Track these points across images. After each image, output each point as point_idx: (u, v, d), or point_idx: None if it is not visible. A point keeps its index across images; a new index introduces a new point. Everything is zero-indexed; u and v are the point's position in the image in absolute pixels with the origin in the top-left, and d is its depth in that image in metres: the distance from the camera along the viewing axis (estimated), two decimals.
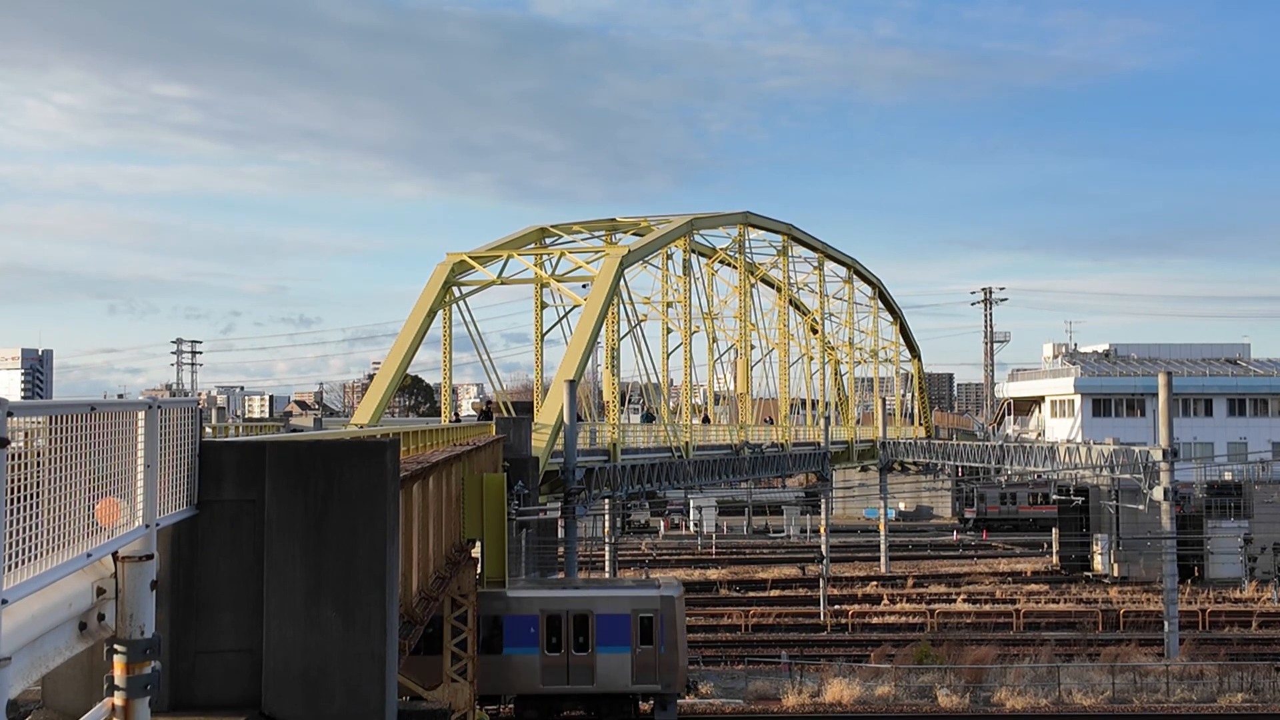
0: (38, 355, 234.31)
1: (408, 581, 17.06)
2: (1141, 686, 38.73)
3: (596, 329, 45.36)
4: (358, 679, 10.87)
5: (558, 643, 31.96)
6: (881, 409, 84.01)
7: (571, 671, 31.95)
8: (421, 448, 21.88)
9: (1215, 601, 56.25)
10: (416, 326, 47.81)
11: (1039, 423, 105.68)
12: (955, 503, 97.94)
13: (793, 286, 74.77)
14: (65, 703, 10.18)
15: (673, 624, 32.35)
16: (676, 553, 77.50)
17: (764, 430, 67.65)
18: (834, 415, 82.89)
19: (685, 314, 58.35)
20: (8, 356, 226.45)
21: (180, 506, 10.00)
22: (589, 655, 31.98)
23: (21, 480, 6.12)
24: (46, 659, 6.77)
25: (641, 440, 53.67)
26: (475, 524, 25.92)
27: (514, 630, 31.89)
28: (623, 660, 32.02)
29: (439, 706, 21.25)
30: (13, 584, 5.91)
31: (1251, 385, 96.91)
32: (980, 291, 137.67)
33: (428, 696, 24.56)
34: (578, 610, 32.20)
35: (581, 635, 32.03)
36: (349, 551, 10.95)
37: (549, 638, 31.93)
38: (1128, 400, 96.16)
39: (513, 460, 36.32)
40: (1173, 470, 45.45)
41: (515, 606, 31.98)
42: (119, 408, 7.95)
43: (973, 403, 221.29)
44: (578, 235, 56.33)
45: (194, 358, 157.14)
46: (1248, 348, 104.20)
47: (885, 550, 69.83)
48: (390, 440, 12.11)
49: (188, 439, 10.08)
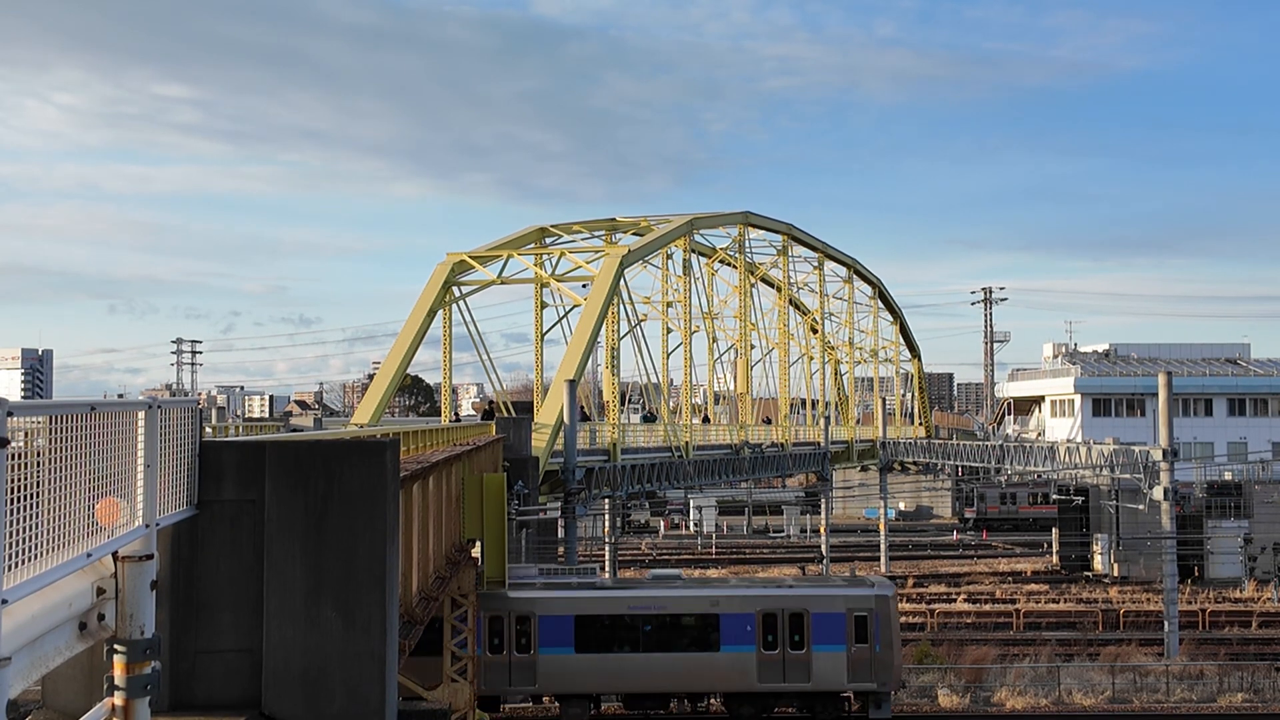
0: (38, 355, 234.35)
1: (408, 581, 17.06)
2: (1141, 686, 38.72)
3: (596, 329, 45.36)
4: (358, 679, 10.87)
5: (774, 640, 32.18)
6: (881, 409, 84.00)
7: (787, 669, 32.16)
8: (421, 448, 21.88)
9: (1215, 601, 56.22)
10: (416, 326, 47.82)
11: (1039, 423, 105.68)
12: (955, 503, 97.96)
13: (793, 286, 74.78)
14: (65, 703, 10.18)
15: (887, 622, 32.60)
16: (676, 553, 77.48)
17: (764, 430, 67.65)
18: (834, 415, 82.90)
19: (685, 314, 58.36)
20: (8, 356, 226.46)
21: (180, 506, 10.00)
22: (805, 653, 32.21)
23: (21, 480, 6.11)
24: (46, 659, 6.77)
25: (641, 440, 53.68)
26: (475, 524, 25.92)
27: (730, 628, 32.18)
28: (838, 659, 32.23)
29: (439, 706, 21.25)
30: (13, 584, 5.90)
31: (1251, 385, 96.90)
32: (980, 291, 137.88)
33: (427, 697, 24.56)
34: (793, 609, 32.39)
35: (797, 633, 32.25)
36: (349, 551, 10.95)
37: (765, 635, 32.17)
38: (1128, 400, 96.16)
39: (513, 460, 36.33)
40: (1173, 470, 45.44)
41: (731, 605, 32.33)
42: (119, 408, 7.95)
43: (973, 403, 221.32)
44: (578, 235, 56.34)
45: (194, 358, 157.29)
46: (1248, 348, 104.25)
47: (885, 550, 69.82)
48: (390, 440, 12.11)
49: (188, 439, 10.08)
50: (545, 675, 31.77)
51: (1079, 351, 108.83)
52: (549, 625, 31.89)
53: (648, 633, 32.31)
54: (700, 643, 32.02)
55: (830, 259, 79.30)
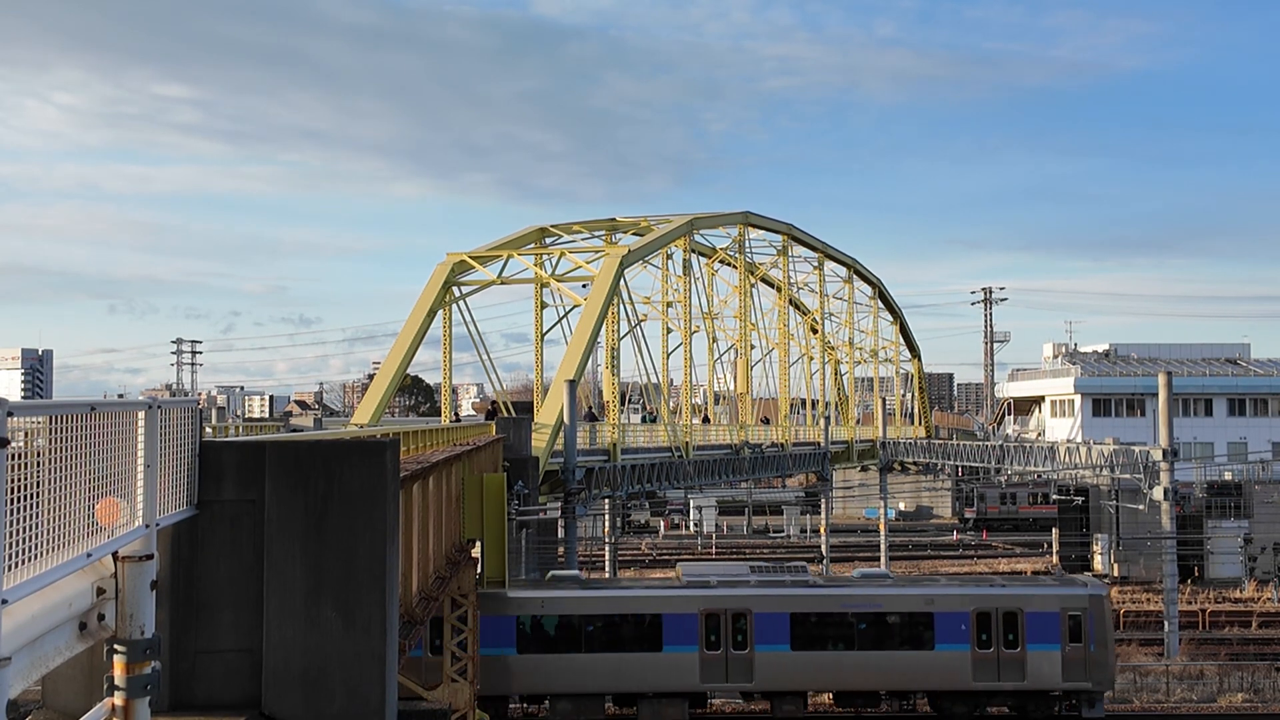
0: (38, 355, 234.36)
1: (408, 581, 17.06)
2: (1141, 686, 38.71)
3: (596, 329, 45.35)
4: (358, 679, 10.87)
5: (988, 639, 32.51)
6: (881, 409, 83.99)
7: (1002, 668, 32.44)
8: (421, 448, 21.87)
9: (1215, 601, 56.21)
10: (416, 326, 47.81)
11: (1039, 423, 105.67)
12: (955, 503, 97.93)
13: (793, 286, 74.76)
14: (65, 703, 10.18)
15: (1102, 621, 32.95)
16: (676, 553, 77.44)
17: (764, 430, 67.64)
18: (834, 415, 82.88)
19: (685, 314, 58.35)
20: (8, 356, 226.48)
21: (180, 506, 10.00)
22: (1019, 652, 32.48)
23: (21, 480, 6.11)
24: (46, 659, 6.77)
25: (642, 440, 53.67)
26: (475, 524, 25.92)
27: (945, 627, 32.55)
28: (1053, 658, 32.52)
29: (439, 706, 21.24)
30: (13, 584, 5.90)
31: (1251, 385, 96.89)
32: (980, 291, 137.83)
33: (427, 697, 24.54)
34: (1008, 608, 32.72)
35: (1011, 632, 32.55)
36: (349, 551, 10.95)
37: (979, 634, 32.51)
38: (1128, 400, 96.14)
39: (513, 460, 36.32)
40: (1173, 470, 45.43)
41: (945, 604, 32.74)
42: (119, 408, 7.95)
43: (973, 403, 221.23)
44: (578, 235, 56.34)
45: (194, 358, 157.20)
46: (1248, 348, 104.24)
47: (885, 550, 69.75)
48: (390, 440, 12.11)
49: (188, 439, 10.07)
50: (762, 672, 32.17)
51: (1079, 351, 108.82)
52: (765, 622, 32.32)
53: (862, 630, 32.75)
54: (914, 641, 32.53)
55: (830, 259, 79.29)
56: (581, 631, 32.25)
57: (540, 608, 32.23)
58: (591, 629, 32.31)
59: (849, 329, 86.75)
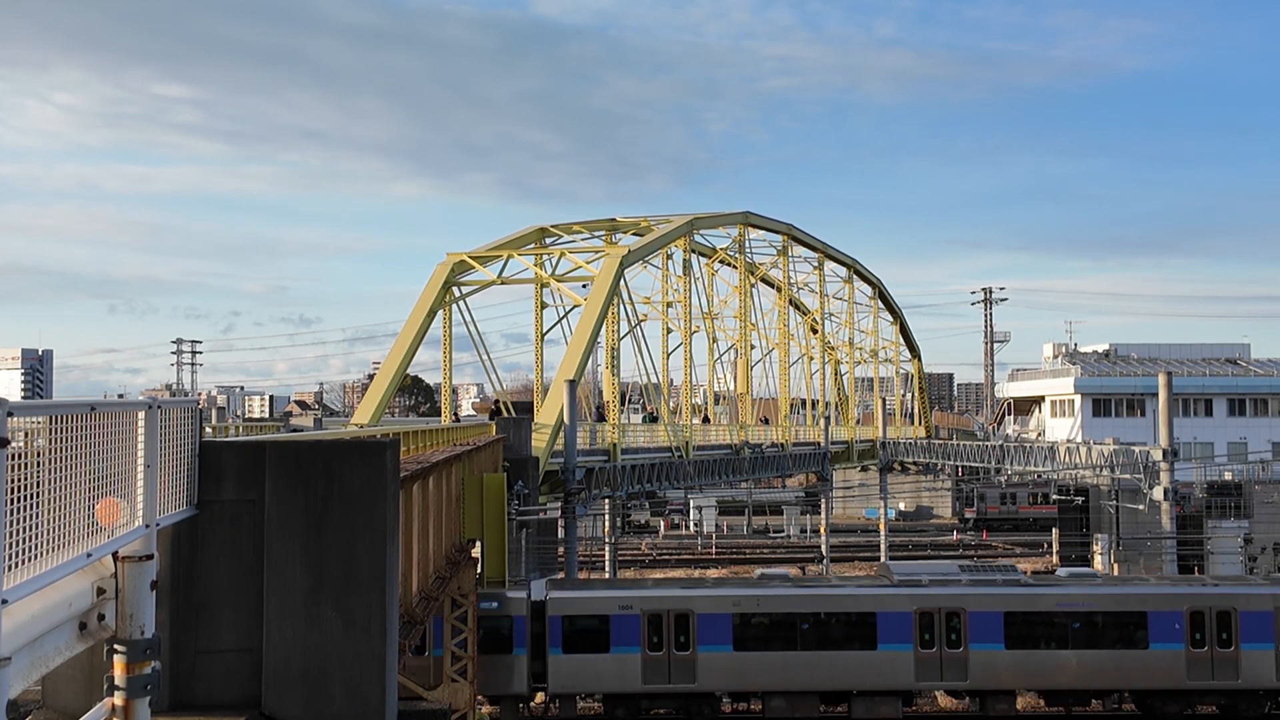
0: (38, 355, 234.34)
1: (408, 581, 17.06)
2: None
3: (596, 329, 45.34)
4: (358, 679, 10.87)
5: (1201, 638, 32.78)
6: (881, 409, 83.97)
7: (1215, 667, 32.71)
8: (421, 448, 21.87)
9: None
10: (416, 326, 47.80)
11: (1039, 423, 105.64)
12: (955, 503, 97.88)
13: (793, 286, 74.75)
14: (65, 703, 10.18)
15: None
16: (676, 553, 77.44)
17: (764, 430, 67.63)
18: (834, 415, 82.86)
19: (685, 314, 58.35)
20: (8, 356, 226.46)
21: (180, 506, 10.00)
22: (1233, 651, 32.73)
23: (21, 480, 6.11)
24: (46, 659, 6.77)
25: (642, 440, 53.66)
26: (475, 524, 25.92)
27: (1158, 626, 32.82)
28: (1267, 657, 32.72)
29: (439, 706, 21.25)
30: (13, 584, 5.91)
31: (1251, 385, 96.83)
32: (980, 291, 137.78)
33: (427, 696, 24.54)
34: (1220, 607, 32.96)
35: (1224, 631, 32.82)
36: (349, 551, 10.95)
37: (1193, 633, 32.79)
38: (1128, 400, 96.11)
39: (513, 460, 36.31)
40: (1173, 470, 45.44)
41: (1158, 603, 33.04)
42: (119, 408, 7.95)
43: (973, 403, 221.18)
44: (578, 235, 56.32)
45: (194, 358, 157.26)
46: (1248, 348, 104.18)
47: (885, 550, 69.76)
48: (390, 440, 12.11)
49: (188, 439, 10.08)
50: (976, 671, 32.49)
51: (1079, 351, 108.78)
52: (979, 621, 32.66)
53: (1075, 630, 32.96)
54: (1127, 640, 32.76)
55: (830, 259, 79.27)
56: (796, 629, 32.69)
57: (756, 605, 32.74)
58: (806, 627, 32.74)
59: (849, 329, 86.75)
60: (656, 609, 32.30)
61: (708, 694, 32.53)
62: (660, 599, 32.67)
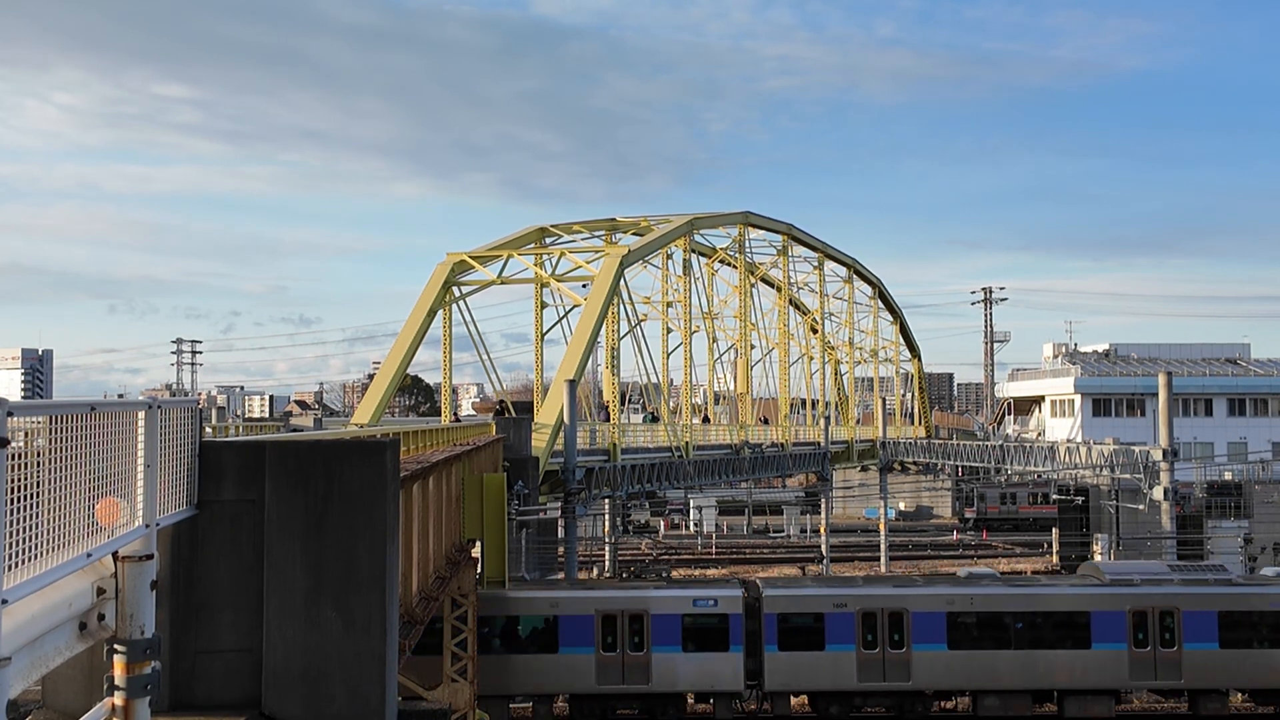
0: (38, 355, 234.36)
1: (408, 581, 17.07)
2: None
3: (596, 329, 45.35)
4: (358, 679, 10.87)
5: None
6: (881, 409, 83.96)
7: None
8: (421, 448, 21.87)
9: None
10: (416, 326, 47.81)
11: (1039, 423, 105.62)
12: (955, 503, 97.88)
13: (793, 286, 74.77)
14: (65, 703, 10.18)
15: None
16: (676, 553, 77.40)
17: (764, 430, 67.62)
18: (834, 415, 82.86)
19: (685, 314, 58.37)
20: (8, 356, 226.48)
21: (180, 506, 10.00)
22: None
23: (21, 480, 6.11)
24: (46, 659, 6.77)
25: (642, 440, 53.67)
26: (475, 524, 25.91)
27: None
28: None
29: (439, 706, 21.25)
30: (13, 584, 5.91)
31: (1251, 385, 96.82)
32: (980, 291, 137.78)
33: (427, 696, 24.55)
34: None
35: None
36: (349, 551, 10.95)
37: None
38: (1128, 400, 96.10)
39: (513, 460, 36.32)
40: (1173, 470, 45.45)
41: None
42: (119, 408, 7.95)
43: (973, 403, 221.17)
44: (578, 235, 56.34)
45: (194, 358, 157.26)
46: (1248, 348, 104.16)
47: (885, 550, 69.76)
48: (390, 440, 12.11)
49: (188, 439, 10.08)
50: (1190, 670, 32.76)
51: (1079, 351, 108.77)
52: (1193, 621, 32.95)
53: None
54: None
55: (830, 259, 79.28)
56: (1010, 628, 32.96)
57: (970, 604, 33.11)
58: (1020, 626, 32.99)
59: (849, 329, 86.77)
60: (871, 607, 32.67)
61: (920, 692, 32.84)
62: (875, 597, 33.04)
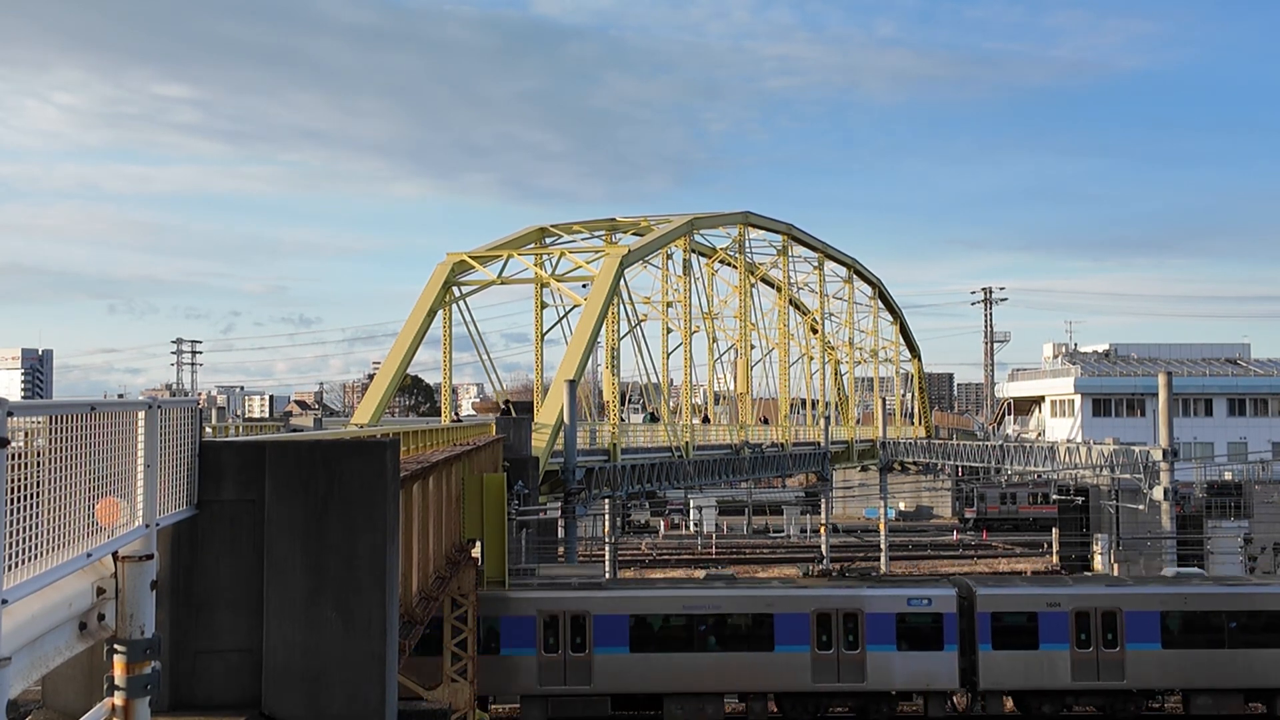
0: (38, 355, 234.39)
1: (408, 581, 17.07)
2: None
3: (596, 329, 45.35)
4: (358, 679, 10.87)
5: None
6: (881, 409, 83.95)
7: None
8: (421, 448, 21.87)
9: None
10: (416, 326, 47.81)
11: (1039, 423, 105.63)
12: (955, 503, 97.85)
13: (793, 286, 74.78)
14: (65, 703, 10.18)
15: None
16: (676, 553, 77.37)
17: (764, 430, 67.62)
18: (834, 415, 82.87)
19: (685, 314, 58.38)
20: (8, 356, 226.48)
21: (180, 506, 9.99)
22: None
23: (21, 480, 6.11)
24: (46, 659, 6.76)
25: (642, 440, 53.67)
26: (475, 524, 25.92)
27: None
28: None
29: (439, 706, 21.24)
30: (13, 584, 5.90)
31: (1251, 385, 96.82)
32: (980, 291, 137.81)
33: (427, 697, 24.55)
34: None
35: None
36: (349, 551, 10.95)
37: None
38: (1128, 400, 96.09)
39: (513, 460, 36.32)
40: (1173, 470, 45.45)
41: None
42: (119, 408, 7.95)
43: (973, 403, 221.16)
44: (578, 235, 56.35)
45: (194, 358, 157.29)
46: (1248, 348, 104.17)
47: (885, 550, 69.65)
48: (390, 440, 12.11)
49: (188, 439, 10.07)
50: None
51: (1079, 351, 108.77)
52: None
53: None
54: None
55: (830, 259, 79.29)
56: (1224, 628, 33.27)
57: (1183, 604, 33.37)
58: (1234, 625, 33.30)
59: (849, 329, 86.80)
60: (1085, 606, 32.90)
61: (1130, 691, 32.98)
62: (1090, 596, 33.27)
